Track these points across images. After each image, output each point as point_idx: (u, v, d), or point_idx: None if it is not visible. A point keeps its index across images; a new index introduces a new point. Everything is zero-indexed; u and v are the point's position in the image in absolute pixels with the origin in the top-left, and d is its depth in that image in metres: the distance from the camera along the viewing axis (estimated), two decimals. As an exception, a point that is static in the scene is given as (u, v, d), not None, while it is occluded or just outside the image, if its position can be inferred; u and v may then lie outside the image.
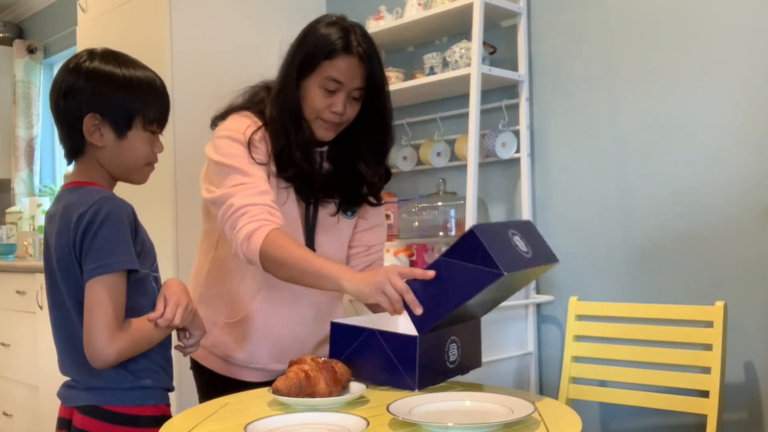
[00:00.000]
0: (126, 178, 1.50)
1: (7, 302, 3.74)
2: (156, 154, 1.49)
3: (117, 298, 1.35)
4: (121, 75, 1.44)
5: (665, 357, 1.92)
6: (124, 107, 1.42)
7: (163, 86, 1.49)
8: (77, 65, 1.44)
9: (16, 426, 3.74)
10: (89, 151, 1.45)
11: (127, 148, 1.44)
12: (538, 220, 2.42)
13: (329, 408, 1.33)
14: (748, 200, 1.98)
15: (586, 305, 2.10)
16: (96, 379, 1.40)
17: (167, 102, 1.49)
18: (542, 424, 1.21)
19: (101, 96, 1.42)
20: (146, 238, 1.47)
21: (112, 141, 1.43)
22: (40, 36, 5.00)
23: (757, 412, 1.96)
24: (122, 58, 1.48)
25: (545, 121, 2.41)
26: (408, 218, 2.41)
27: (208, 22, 2.71)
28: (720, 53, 2.03)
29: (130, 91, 1.43)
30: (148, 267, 1.45)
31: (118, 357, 1.34)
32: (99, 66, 1.44)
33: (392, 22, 2.58)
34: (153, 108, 1.45)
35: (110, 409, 1.40)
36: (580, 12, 2.33)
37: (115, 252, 1.35)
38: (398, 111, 2.83)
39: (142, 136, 1.44)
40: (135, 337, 1.37)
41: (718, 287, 2.02)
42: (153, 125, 1.46)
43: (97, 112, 1.42)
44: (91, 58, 1.45)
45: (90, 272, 1.34)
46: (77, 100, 1.42)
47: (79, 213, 1.37)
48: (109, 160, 1.45)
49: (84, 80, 1.43)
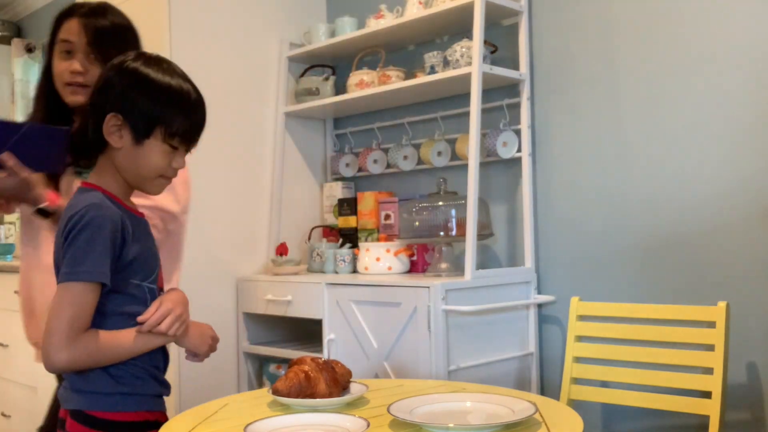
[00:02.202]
0: (138, 186, 1.47)
1: (5, 302, 3.73)
2: (174, 168, 1.44)
3: (79, 306, 1.33)
4: (155, 80, 1.40)
5: (667, 357, 1.92)
6: (147, 113, 1.39)
7: (198, 102, 1.43)
8: (120, 63, 1.43)
9: (14, 427, 3.73)
10: (107, 151, 1.43)
11: (142, 156, 1.40)
12: (539, 219, 2.41)
13: (329, 409, 1.32)
14: (750, 200, 1.97)
15: (587, 305, 2.10)
16: (82, 381, 1.39)
17: (198, 118, 1.43)
18: (543, 425, 1.20)
19: (128, 97, 1.39)
20: (144, 249, 1.43)
21: (128, 145, 1.40)
22: (39, 35, 4.99)
23: (759, 413, 1.96)
24: (166, 65, 1.44)
25: (546, 120, 2.40)
26: (408, 218, 2.40)
27: (207, 22, 2.70)
28: (722, 53, 2.02)
29: (157, 98, 1.39)
30: (142, 278, 1.42)
31: (67, 365, 1.33)
32: (138, 67, 1.41)
33: (393, 20, 2.57)
34: (178, 121, 1.39)
35: (92, 414, 1.39)
36: (581, 10, 2.32)
37: (85, 261, 1.33)
38: (398, 110, 2.83)
39: (160, 147, 1.40)
40: (93, 349, 1.34)
41: (720, 287, 2.01)
42: (174, 139, 1.40)
43: (120, 112, 1.39)
44: (136, 58, 1.43)
45: (61, 276, 1.34)
46: (107, 97, 1.41)
47: (68, 216, 1.36)
48: (123, 164, 1.43)
49: (119, 78, 1.41)
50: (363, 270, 2.52)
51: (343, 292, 2.31)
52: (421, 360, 2.07)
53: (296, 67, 2.96)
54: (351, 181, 2.98)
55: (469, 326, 2.14)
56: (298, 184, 2.98)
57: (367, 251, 2.52)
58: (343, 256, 2.60)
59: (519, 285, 2.33)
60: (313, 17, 3.07)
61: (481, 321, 2.18)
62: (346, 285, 2.31)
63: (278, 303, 2.53)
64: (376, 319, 2.21)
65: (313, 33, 2.89)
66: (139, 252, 1.42)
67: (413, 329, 2.10)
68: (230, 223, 2.74)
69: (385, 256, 2.49)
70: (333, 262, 2.63)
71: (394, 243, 2.51)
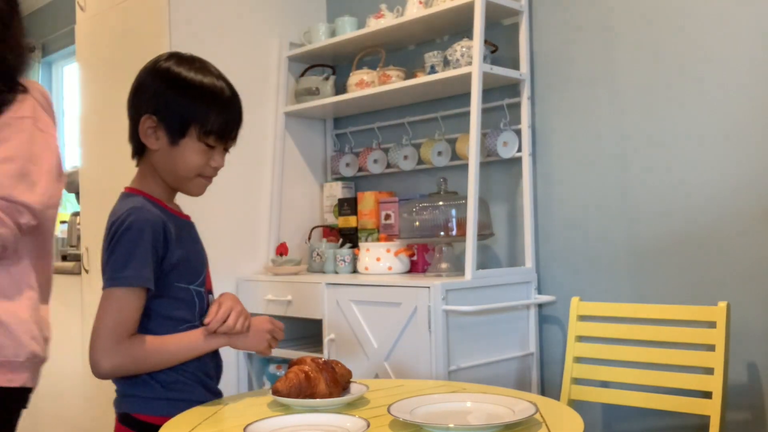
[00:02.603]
0: (178, 187, 1.46)
1: (5, 302, 3.73)
2: (212, 167, 1.42)
3: (122, 312, 1.33)
4: (187, 79, 1.38)
5: (668, 358, 1.92)
6: (181, 113, 1.37)
7: (231, 99, 1.41)
8: (154, 63, 1.42)
9: (14, 426, 3.72)
10: (147, 154, 1.43)
11: (178, 156, 1.39)
12: (539, 219, 2.41)
13: (329, 409, 1.32)
14: (751, 200, 1.96)
15: (588, 305, 2.09)
16: (131, 386, 1.40)
17: (233, 115, 1.41)
18: (544, 425, 1.20)
19: (161, 98, 1.38)
20: (189, 252, 1.42)
21: (165, 146, 1.39)
22: (39, 34, 4.98)
23: (760, 413, 1.95)
24: (199, 63, 1.42)
25: (547, 120, 2.40)
26: (408, 218, 2.40)
27: (207, 21, 2.70)
28: (723, 52, 2.02)
29: (190, 97, 1.37)
30: (188, 281, 1.42)
31: (112, 370, 1.34)
32: (170, 67, 1.40)
33: (393, 20, 2.57)
34: (212, 119, 1.37)
35: (137, 417, 1.40)
36: (581, 10, 2.32)
37: (127, 267, 1.32)
38: (399, 110, 2.82)
39: (195, 146, 1.38)
40: (138, 354, 1.34)
41: (720, 287, 2.01)
42: (209, 137, 1.38)
43: (154, 113, 1.38)
44: (168, 58, 1.42)
45: (104, 282, 1.35)
46: (142, 99, 1.40)
47: (111, 221, 1.37)
48: (162, 166, 1.42)
49: (152, 79, 1.41)
50: (363, 270, 2.52)
51: (343, 292, 2.31)
52: (421, 360, 2.07)
53: (296, 67, 2.96)
54: (351, 180, 2.98)
55: (469, 326, 2.14)
56: (298, 184, 2.98)
57: (367, 251, 2.52)
58: (343, 256, 2.60)
59: (519, 285, 2.33)
60: (313, 17, 3.07)
61: (481, 321, 2.18)
62: (346, 285, 2.30)
63: (278, 303, 2.53)
64: (376, 319, 2.21)
65: (313, 33, 2.88)
66: (183, 255, 1.41)
67: (413, 329, 2.10)
68: (230, 222, 2.74)
69: (385, 256, 2.49)
70: (333, 262, 2.63)
71: (395, 243, 2.51)
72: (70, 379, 3.18)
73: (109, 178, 2.91)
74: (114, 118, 2.95)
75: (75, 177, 3.25)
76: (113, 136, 2.91)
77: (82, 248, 3.05)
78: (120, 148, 2.86)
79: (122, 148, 3.13)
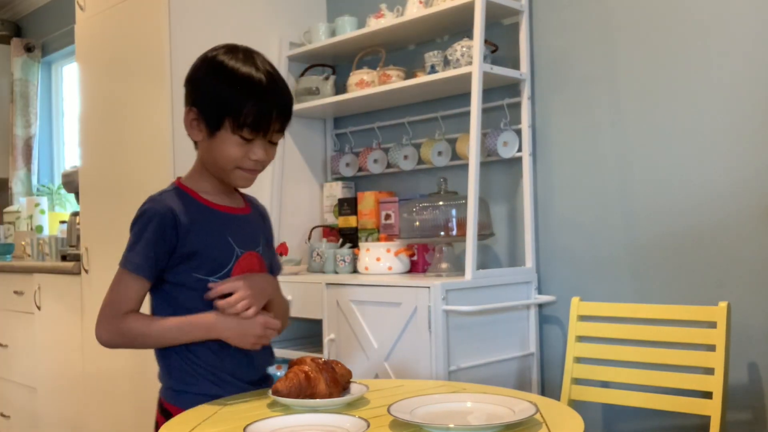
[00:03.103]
0: (222, 178, 1.45)
1: (4, 302, 3.73)
2: (252, 160, 1.39)
3: (119, 291, 1.40)
4: (225, 68, 1.35)
5: (668, 358, 1.91)
6: (216, 105, 1.36)
7: (270, 88, 1.36)
8: (206, 54, 1.42)
9: (13, 427, 3.72)
10: (198, 145, 1.45)
11: (215, 147, 1.38)
12: (540, 219, 2.41)
13: (329, 409, 1.32)
14: (752, 200, 1.96)
15: (588, 306, 2.09)
16: (164, 375, 1.47)
17: (270, 107, 1.36)
18: (544, 426, 1.20)
19: (200, 89, 1.39)
20: (210, 243, 1.42)
21: (205, 138, 1.39)
22: (38, 34, 4.98)
23: (760, 414, 1.95)
24: (244, 52, 1.39)
25: (547, 119, 2.40)
26: (409, 218, 2.40)
27: (206, 21, 2.70)
28: (724, 51, 2.01)
29: (224, 87, 1.35)
30: (207, 273, 1.42)
31: (107, 342, 1.41)
32: (216, 56, 1.39)
33: (393, 20, 2.56)
34: (247, 111, 1.33)
35: (167, 407, 1.44)
36: (582, 9, 2.31)
37: (131, 250, 1.40)
38: (399, 110, 2.82)
39: (231, 138, 1.36)
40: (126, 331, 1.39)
41: (721, 287, 2.00)
42: (243, 130, 1.35)
43: (194, 105, 1.39)
44: (219, 48, 1.41)
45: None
46: (188, 89, 1.42)
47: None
48: (205, 157, 1.43)
49: (198, 68, 1.41)
50: (363, 270, 2.52)
51: (343, 292, 2.30)
52: (421, 360, 2.07)
53: (296, 67, 2.96)
54: (351, 180, 2.98)
55: (469, 326, 2.14)
56: (298, 183, 2.97)
57: (367, 251, 2.52)
58: (343, 256, 2.59)
59: (519, 285, 2.33)
60: (313, 16, 3.06)
61: (481, 321, 2.17)
62: (346, 285, 2.30)
63: (278, 303, 2.52)
64: (377, 319, 2.20)
65: (313, 32, 2.88)
66: (200, 246, 1.41)
67: (413, 329, 2.09)
68: (230, 222, 2.73)
69: (385, 256, 2.48)
70: (333, 262, 2.62)
71: (395, 243, 2.50)
72: (70, 379, 3.18)
73: (109, 178, 2.91)
74: (114, 118, 2.96)
75: (74, 177, 3.24)
76: (113, 136, 2.91)
77: (81, 248, 3.05)
78: (120, 147, 2.88)
79: (122, 148, 3.13)
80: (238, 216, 1.51)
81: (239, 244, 1.47)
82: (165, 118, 2.55)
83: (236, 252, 1.46)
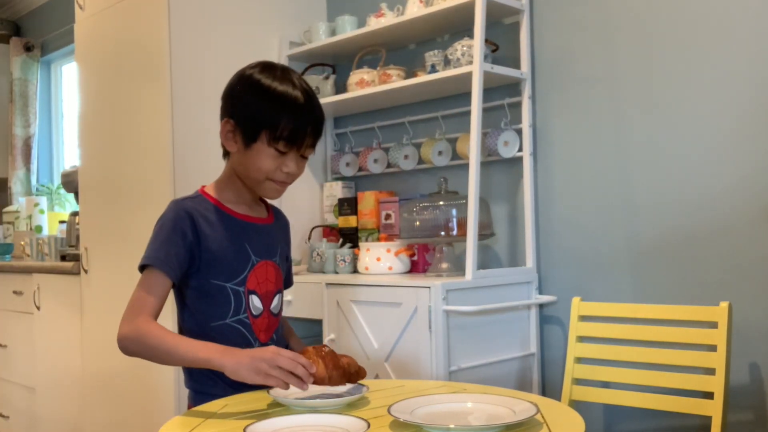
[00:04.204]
0: (253, 189, 1.52)
1: (4, 303, 3.72)
2: (284, 172, 1.46)
3: (141, 289, 1.42)
4: (263, 85, 1.43)
5: (669, 358, 1.91)
6: (254, 118, 1.42)
7: (306, 106, 1.44)
8: (243, 70, 1.49)
9: (12, 428, 3.72)
10: (230, 156, 1.51)
11: (250, 159, 1.45)
12: (540, 219, 2.40)
13: (329, 409, 1.31)
14: (753, 200, 1.96)
15: (589, 306, 2.09)
16: (186, 378, 1.51)
17: (305, 122, 1.44)
18: (545, 426, 1.19)
19: (239, 103, 1.45)
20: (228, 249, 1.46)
21: (241, 149, 1.45)
22: (38, 33, 4.98)
23: (762, 414, 1.95)
24: (282, 71, 1.47)
25: (548, 119, 2.39)
26: (409, 218, 2.39)
27: (206, 20, 2.69)
28: (724, 51, 2.01)
29: (262, 102, 1.42)
30: (225, 279, 1.46)
31: (121, 338, 1.40)
32: (253, 73, 1.46)
33: (393, 19, 2.56)
34: (283, 125, 1.41)
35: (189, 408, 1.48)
36: (583, 9, 2.31)
37: (149, 248, 1.44)
38: (399, 109, 2.82)
39: (266, 151, 1.43)
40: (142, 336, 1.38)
41: (722, 288, 2.00)
42: (278, 143, 1.42)
43: (232, 117, 1.45)
44: (255, 66, 1.48)
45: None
46: (226, 103, 1.48)
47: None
48: (238, 168, 1.49)
49: (236, 84, 1.47)
50: (363, 270, 2.51)
51: (343, 292, 2.30)
52: (421, 360, 2.06)
53: (296, 66, 2.95)
54: (351, 180, 2.97)
55: (470, 326, 2.13)
56: (298, 183, 2.94)
57: (367, 251, 2.51)
58: (343, 256, 2.59)
59: (520, 285, 2.32)
60: (314, 16, 3.06)
61: (482, 321, 2.17)
62: (346, 285, 2.30)
63: (278, 303, 2.52)
64: (377, 319, 2.20)
65: (314, 32, 2.88)
66: (219, 250, 1.45)
67: (414, 329, 2.09)
68: (230, 222, 2.73)
69: (385, 255, 2.48)
70: (333, 262, 2.62)
71: (395, 243, 2.50)
72: (70, 380, 3.18)
73: (108, 178, 2.90)
74: (113, 117, 2.96)
75: (74, 176, 3.24)
76: (112, 135, 2.91)
77: (81, 248, 3.04)
78: (119, 147, 2.88)
79: (121, 148, 3.12)
80: (257, 225, 1.57)
81: (256, 252, 1.52)
82: (164, 117, 2.54)
83: (252, 260, 1.51)
